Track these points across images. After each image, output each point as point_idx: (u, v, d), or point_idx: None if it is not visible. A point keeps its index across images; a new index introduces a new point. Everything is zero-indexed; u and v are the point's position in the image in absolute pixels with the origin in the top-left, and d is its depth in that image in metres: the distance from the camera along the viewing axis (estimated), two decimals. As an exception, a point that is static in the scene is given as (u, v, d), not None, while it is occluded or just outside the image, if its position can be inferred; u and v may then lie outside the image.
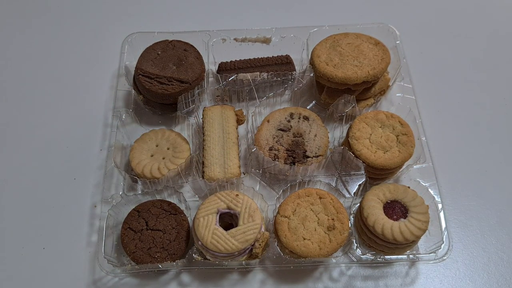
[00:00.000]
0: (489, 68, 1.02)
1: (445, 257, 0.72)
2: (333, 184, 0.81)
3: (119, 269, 0.73)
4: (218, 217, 0.71)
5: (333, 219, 0.71)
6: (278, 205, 0.75)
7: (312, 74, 0.88)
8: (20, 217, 0.82)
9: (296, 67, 0.92)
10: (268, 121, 0.84)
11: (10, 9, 1.13)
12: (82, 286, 0.74)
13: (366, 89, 0.87)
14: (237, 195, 0.73)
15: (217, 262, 0.71)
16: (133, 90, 0.90)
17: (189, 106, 0.88)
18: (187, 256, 0.73)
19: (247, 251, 0.70)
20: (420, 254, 0.74)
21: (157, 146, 0.83)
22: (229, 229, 0.71)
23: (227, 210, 0.72)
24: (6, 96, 0.98)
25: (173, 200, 0.79)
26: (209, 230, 0.69)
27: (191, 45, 0.91)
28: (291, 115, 0.85)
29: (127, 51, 0.95)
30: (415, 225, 0.69)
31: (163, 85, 0.85)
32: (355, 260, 0.74)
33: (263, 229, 0.73)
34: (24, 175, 0.87)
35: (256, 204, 0.73)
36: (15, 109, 0.96)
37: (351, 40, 0.88)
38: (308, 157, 0.80)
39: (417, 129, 0.82)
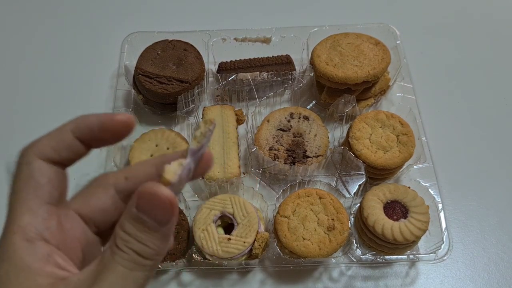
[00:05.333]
0: (490, 68, 1.02)
1: (445, 257, 0.72)
2: (333, 184, 0.81)
3: (118, 269, 0.73)
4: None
5: (333, 219, 0.71)
6: (278, 205, 0.75)
7: (312, 74, 0.88)
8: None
9: (296, 67, 0.92)
10: (268, 121, 0.84)
11: (8, 7, 1.13)
12: (82, 286, 0.74)
13: (366, 89, 0.87)
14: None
15: (216, 262, 0.70)
16: (132, 89, 0.90)
17: (189, 106, 0.88)
18: (186, 256, 0.73)
19: (247, 251, 0.70)
20: (420, 254, 0.73)
21: (156, 146, 0.83)
22: (229, 227, 0.71)
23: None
24: (4, 96, 0.98)
25: (173, 200, 0.79)
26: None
27: (191, 45, 0.91)
28: (291, 115, 0.84)
29: (127, 51, 0.95)
30: (415, 225, 0.69)
31: (163, 84, 0.85)
32: (355, 260, 0.74)
33: (262, 229, 0.72)
34: (23, 174, 0.87)
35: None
36: (14, 108, 0.96)
37: (351, 40, 0.88)
38: (308, 157, 0.80)
39: (417, 129, 0.82)
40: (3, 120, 0.94)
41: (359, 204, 0.75)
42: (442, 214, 0.75)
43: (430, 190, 0.76)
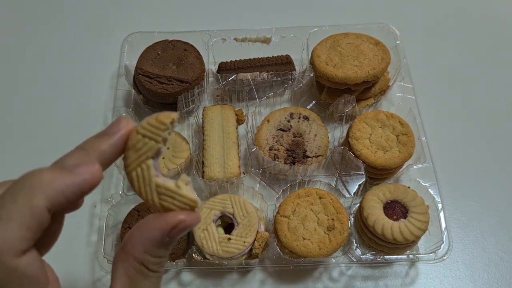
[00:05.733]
0: (490, 68, 1.02)
1: (445, 257, 0.72)
2: (333, 184, 0.81)
3: (118, 269, 0.73)
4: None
5: (333, 219, 0.71)
6: (278, 205, 0.75)
7: (312, 74, 0.88)
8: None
9: (296, 67, 0.92)
10: (268, 121, 0.84)
11: (8, 7, 1.13)
12: (82, 285, 0.74)
13: (366, 89, 0.87)
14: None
15: (216, 262, 0.70)
16: (133, 89, 0.90)
17: (189, 106, 0.88)
18: (186, 256, 0.73)
19: (247, 251, 0.70)
20: (420, 254, 0.74)
21: (157, 145, 0.83)
22: (229, 227, 0.71)
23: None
24: (4, 96, 0.98)
25: (173, 200, 0.79)
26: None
27: (191, 45, 0.91)
28: (291, 115, 0.85)
29: (127, 51, 0.95)
30: (415, 225, 0.69)
31: (163, 84, 0.85)
32: (355, 260, 0.74)
33: (262, 229, 0.73)
34: (24, 174, 0.87)
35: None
36: (14, 109, 0.96)
37: (351, 40, 0.88)
38: (308, 157, 0.80)
39: (417, 129, 0.82)
40: (2, 120, 0.94)
41: (359, 204, 0.75)
42: (442, 214, 0.75)
43: (430, 190, 0.76)
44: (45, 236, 0.32)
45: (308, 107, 0.93)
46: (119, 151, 0.35)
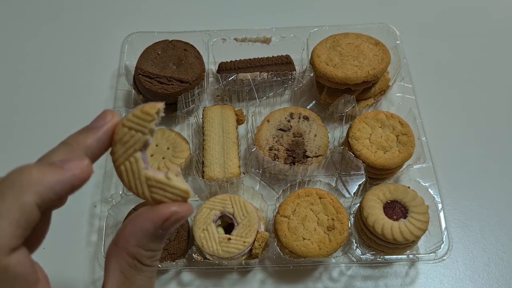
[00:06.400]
0: (489, 68, 1.02)
1: (445, 257, 0.72)
2: (333, 184, 0.81)
3: (118, 269, 0.73)
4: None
5: (333, 219, 0.71)
6: (278, 205, 0.75)
7: (312, 74, 0.88)
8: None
9: (296, 67, 0.92)
10: (268, 121, 0.84)
11: (8, 7, 1.13)
12: (82, 285, 0.74)
13: (366, 89, 0.87)
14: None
15: (216, 262, 0.71)
16: (133, 90, 0.90)
17: (189, 106, 0.88)
18: (186, 256, 0.73)
19: (247, 251, 0.70)
20: (420, 254, 0.74)
21: (156, 145, 0.83)
22: (229, 227, 0.71)
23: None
24: (4, 96, 0.98)
25: (173, 200, 0.79)
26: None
27: (191, 45, 0.91)
28: (291, 115, 0.85)
29: (127, 51, 0.95)
30: (415, 225, 0.69)
31: (163, 84, 0.85)
32: (354, 260, 0.74)
33: (262, 229, 0.73)
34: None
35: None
36: (14, 109, 0.96)
37: (351, 40, 0.88)
38: (308, 157, 0.80)
39: (417, 129, 0.82)
40: (3, 120, 0.94)
41: (359, 204, 0.75)
42: (442, 214, 0.75)
43: (430, 190, 0.76)
44: (33, 234, 0.31)
45: (308, 107, 0.93)
46: (105, 146, 0.34)
